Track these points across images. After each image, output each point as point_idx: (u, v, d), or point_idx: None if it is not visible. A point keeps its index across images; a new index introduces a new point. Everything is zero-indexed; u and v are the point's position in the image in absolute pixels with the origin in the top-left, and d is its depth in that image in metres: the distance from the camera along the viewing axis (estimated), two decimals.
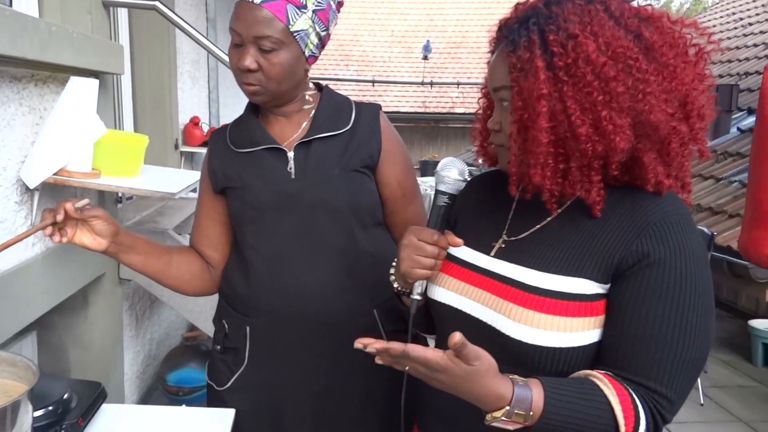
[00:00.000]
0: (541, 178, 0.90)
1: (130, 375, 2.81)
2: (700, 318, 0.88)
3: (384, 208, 1.33)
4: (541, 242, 0.98)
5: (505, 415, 0.84)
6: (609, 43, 0.87)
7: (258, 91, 1.22)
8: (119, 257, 1.24)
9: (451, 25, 13.14)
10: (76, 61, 1.88)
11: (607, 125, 0.87)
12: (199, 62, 4.07)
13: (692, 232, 0.91)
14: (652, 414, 0.88)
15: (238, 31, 1.18)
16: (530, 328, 0.91)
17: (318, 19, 1.22)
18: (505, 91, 0.95)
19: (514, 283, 0.96)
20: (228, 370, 1.33)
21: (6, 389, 0.95)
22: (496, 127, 0.98)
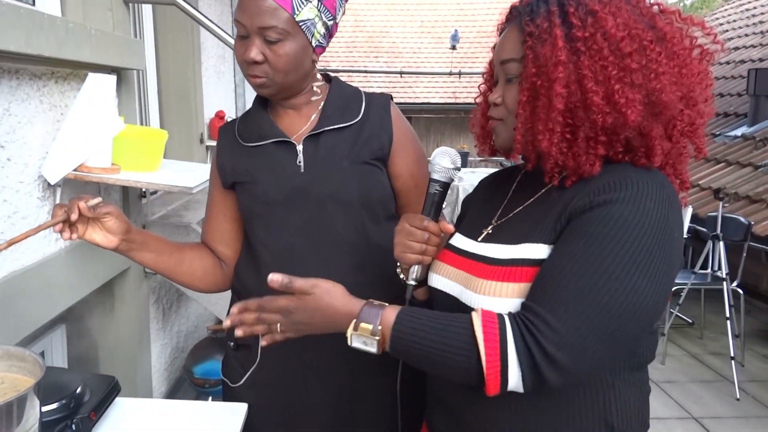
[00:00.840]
0: (549, 144, 0.90)
1: (158, 367, 2.85)
2: (621, 268, 0.82)
3: (397, 201, 1.31)
4: (516, 220, 1.00)
5: (354, 329, 0.91)
6: (626, 24, 0.89)
7: (265, 83, 1.20)
8: (130, 255, 1.23)
9: (481, 15, 12.99)
10: (94, 57, 1.89)
11: (620, 98, 0.87)
12: (225, 57, 4.10)
13: (657, 195, 0.86)
14: (525, 341, 0.83)
15: (243, 23, 1.17)
16: (490, 298, 0.91)
17: (325, 8, 1.19)
18: (513, 64, 0.96)
19: (483, 259, 0.97)
20: (241, 368, 1.33)
21: (15, 384, 0.96)
22: (498, 100, 0.99)
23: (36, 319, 1.78)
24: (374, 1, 13.17)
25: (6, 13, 1.43)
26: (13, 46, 1.48)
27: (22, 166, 1.69)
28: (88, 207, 1.13)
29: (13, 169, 1.64)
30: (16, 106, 1.65)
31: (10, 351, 1.00)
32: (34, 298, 1.72)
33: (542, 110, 0.90)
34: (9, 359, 1.00)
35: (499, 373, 0.83)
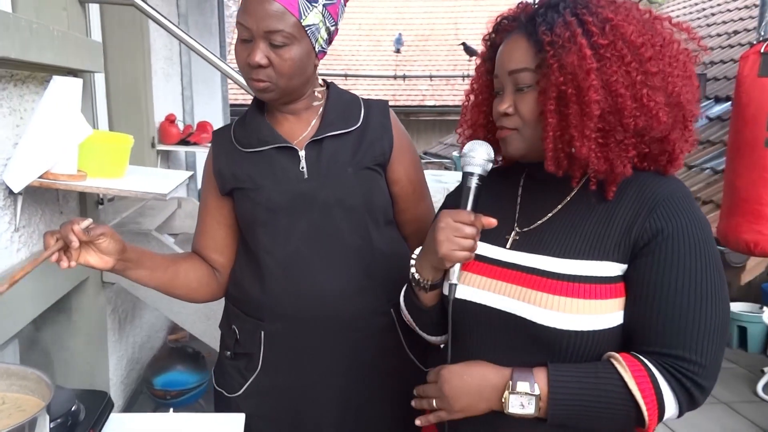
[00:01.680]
0: (588, 151, 0.93)
1: (114, 380, 2.75)
2: (716, 283, 0.92)
3: (395, 206, 1.31)
4: (555, 230, 1.01)
5: (510, 390, 0.92)
6: (639, 31, 0.94)
7: (268, 87, 1.18)
8: (125, 274, 1.19)
9: (419, 18, 13.13)
10: (56, 59, 1.82)
11: (649, 102, 0.92)
12: (172, 59, 3.99)
13: (696, 206, 0.97)
14: (681, 384, 0.90)
15: (248, 26, 1.15)
16: (561, 314, 0.93)
17: (328, 13, 1.19)
18: (526, 73, 0.98)
19: (537, 272, 0.98)
20: (240, 377, 1.30)
21: (19, 404, 0.92)
22: (510, 110, 1.01)
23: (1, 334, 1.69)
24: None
25: None
26: None
27: None
28: (82, 231, 1.08)
29: None
30: None
31: (11, 369, 0.96)
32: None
33: (575, 117, 0.93)
34: (9, 378, 0.95)
35: (657, 415, 0.91)
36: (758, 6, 4.37)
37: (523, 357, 0.99)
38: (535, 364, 0.97)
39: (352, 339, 1.23)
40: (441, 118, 11.21)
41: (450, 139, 9.82)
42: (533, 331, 0.96)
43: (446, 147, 9.20)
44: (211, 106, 5.45)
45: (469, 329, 1.06)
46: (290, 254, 1.23)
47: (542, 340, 0.96)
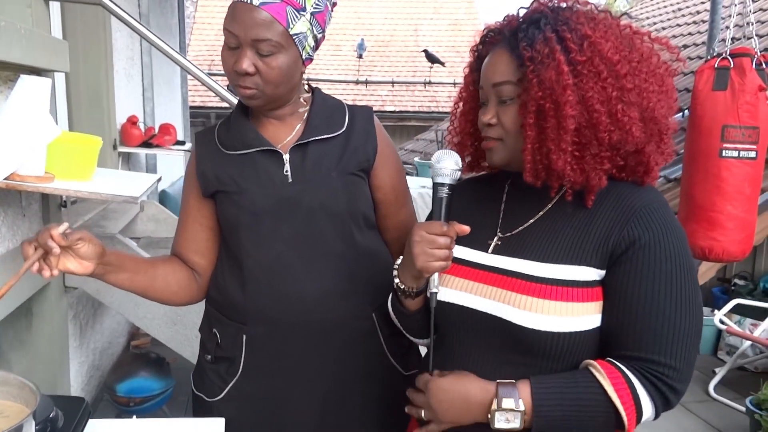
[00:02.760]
0: (563, 164, 0.97)
1: (75, 387, 2.67)
2: (691, 290, 0.97)
3: (377, 211, 1.33)
4: (536, 235, 1.05)
5: (495, 407, 0.95)
6: (616, 47, 0.97)
7: (255, 95, 1.18)
8: (105, 278, 1.17)
9: (378, 24, 13.20)
10: (23, 58, 1.77)
11: (623, 117, 0.95)
12: (134, 59, 3.92)
13: (672, 215, 1.01)
14: (656, 387, 0.95)
15: (235, 33, 1.15)
16: (537, 315, 0.97)
17: (316, 21, 1.20)
18: (508, 86, 1.02)
19: (517, 275, 1.02)
20: (220, 380, 1.29)
21: (2, 411, 0.90)
22: (493, 121, 1.04)
23: None
24: None
25: None
26: None
27: None
28: (60, 235, 1.06)
29: None
30: None
31: None
32: None
33: (552, 131, 0.96)
34: None
35: (635, 419, 0.96)
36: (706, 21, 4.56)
37: (504, 357, 1.02)
38: (516, 363, 1.00)
39: (335, 343, 1.24)
40: (401, 123, 11.29)
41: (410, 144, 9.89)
42: (513, 332, 0.99)
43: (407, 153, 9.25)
44: (171, 107, 5.37)
45: (452, 331, 1.09)
46: (273, 258, 1.23)
47: (522, 341, 0.99)
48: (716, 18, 3.88)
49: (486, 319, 1.03)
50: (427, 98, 11.58)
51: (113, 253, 1.17)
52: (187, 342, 2.39)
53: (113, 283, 1.19)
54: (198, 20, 12.46)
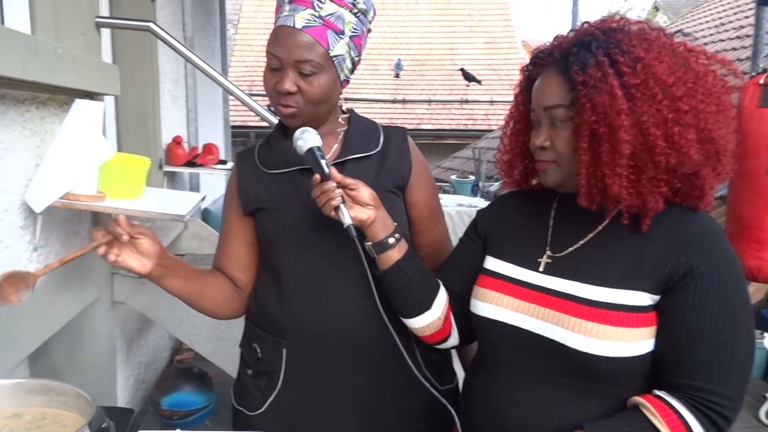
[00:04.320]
0: (619, 188, 0.96)
1: (121, 399, 2.74)
2: (747, 319, 0.96)
3: (411, 228, 1.35)
4: (588, 257, 1.04)
5: None
6: (671, 68, 0.96)
7: (295, 113, 1.23)
8: (161, 281, 1.21)
9: (415, 43, 13.31)
10: (77, 83, 1.86)
11: (680, 139, 0.94)
12: (179, 81, 4.04)
13: (727, 243, 1.00)
14: (709, 417, 0.93)
15: (278, 55, 1.20)
16: (593, 339, 0.96)
17: (354, 44, 1.25)
18: (561, 110, 1.01)
19: (572, 298, 1.01)
20: (260, 395, 1.32)
21: (58, 419, 0.94)
22: (546, 144, 1.04)
23: (15, 357, 1.70)
24: None
25: (5, 37, 1.40)
26: (8, 71, 1.44)
27: (5, 193, 1.63)
28: (126, 221, 1.12)
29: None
30: (2, 133, 1.60)
31: (50, 385, 0.98)
32: (19, 328, 1.65)
33: (607, 155, 0.96)
34: (48, 393, 0.97)
35: None
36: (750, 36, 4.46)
37: (553, 378, 1.02)
38: (566, 385, 1.00)
39: (372, 357, 1.25)
40: (438, 141, 11.31)
41: (447, 162, 9.90)
42: (566, 355, 0.99)
43: (444, 170, 9.26)
44: (214, 128, 5.51)
45: (498, 348, 1.09)
46: (311, 273, 1.27)
47: (575, 364, 0.99)
48: (761, 33, 3.80)
49: (537, 340, 1.03)
50: (463, 116, 11.60)
51: (169, 257, 1.21)
52: (230, 357, 2.44)
53: (166, 287, 1.22)
54: (238, 42, 12.77)
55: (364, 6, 1.26)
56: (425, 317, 1.18)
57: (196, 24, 4.66)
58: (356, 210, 1.15)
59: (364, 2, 1.26)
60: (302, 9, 1.21)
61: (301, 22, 1.20)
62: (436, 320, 1.19)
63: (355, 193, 1.15)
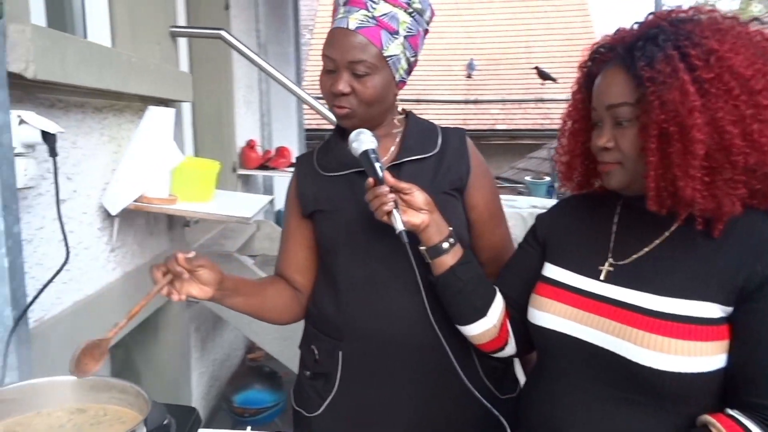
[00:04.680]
0: (692, 192, 0.89)
1: (196, 396, 2.84)
2: None
3: (471, 232, 1.32)
4: (654, 265, 0.97)
5: None
6: (749, 60, 0.88)
7: (350, 114, 1.23)
8: (222, 302, 1.23)
9: (490, 43, 13.13)
10: (151, 90, 1.94)
11: (760, 137, 0.87)
12: (252, 87, 4.16)
13: None
14: None
15: (332, 57, 1.20)
16: (658, 354, 0.90)
17: (409, 44, 1.23)
18: (626, 108, 0.94)
19: (635, 309, 0.95)
20: (318, 396, 1.32)
21: (119, 416, 0.97)
22: (609, 144, 0.97)
23: None
24: None
25: (83, 49, 1.48)
26: (88, 81, 1.52)
27: (85, 197, 1.72)
28: (185, 259, 1.11)
29: (78, 200, 1.67)
30: (81, 139, 1.69)
31: (111, 382, 1.01)
32: (98, 326, 1.73)
33: (678, 156, 0.89)
34: (109, 391, 1.01)
35: None
36: None
37: (615, 393, 0.97)
38: (628, 401, 0.94)
39: (428, 363, 1.23)
40: (513, 142, 11.10)
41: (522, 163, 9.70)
42: (629, 369, 0.93)
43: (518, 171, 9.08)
44: (288, 131, 5.64)
45: (556, 359, 1.05)
46: (367, 276, 1.26)
47: (638, 379, 0.93)
48: None
49: (598, 352, 0.98)
50: (539, 115, 11.33)
51: (230, 279, 1.22)
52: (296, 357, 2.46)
53: (229, 306, 1.25)
54: (314, 47, 13.01)
55: (420, 5, 1.24)
56: (480, 324, 1.15)
57: (270, 31, 4.79)
58: (409, 214, 1.13)
59: (419, 2, 1.24)
60: (356, 10, 1.21)
61: (354, 23, 1.20)
62: (491, 328, 1.15)
63: (409, 198, 1.14)
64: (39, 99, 1.47)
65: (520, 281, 1.16)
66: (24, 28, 1.24)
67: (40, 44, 1.27)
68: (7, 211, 1.22)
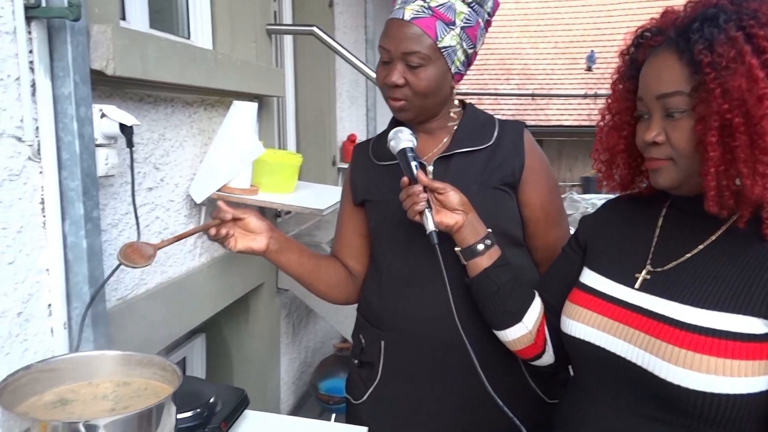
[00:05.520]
0: (761, 190, 0.80)
1: (286, 380, 2.96)
2: None
3: (525, 230, 1.27)
4: (693, 274, 0.88)
5: None
6: None
7: (404, 106, 1.22)
8: (279, 256, 1.24)
9: (619, 34, 12.39)
10: (239, 86, 2.03)
11: None
12: (358, 82, 4.23)
13: None
14: None
15: (387, 48, 1.21)
16: (691, 372, 0.82)
17: (466, 35, 1.21)
18: (679, 98, 0.86)
19: (667, 320, 0.87)
20: (363, 385, 1.35)
21: (156, 391, 1.03)
22: (660, 138, 0.89)
23: (181, 328, 1.91)
24: (506, 23, 13.06)
25: (164, 47, 1.58)
26: (169, 77, 1.62)
27: (173, 186, 1.84)
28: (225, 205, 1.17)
29: (165, 189, 1.79)
30: (170, 131, 1.81)
31: (154, 360, 1.08)
32: (179, 308, 1.86)
33: (743, 150, 0.80)
34: (152, 367, 1.07)
35: None
36: None
37: (645, 411, 0.89)
38: (659, 420, 0.87)
39: (455, 363, 1.20)
40: None
41: None
42: (657, 386, 0.86)
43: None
44: None
45: (586, 371, 0.98)
46: (409, 267, 1.25)
47: (668, 398, 0.85)
48: None
49: (627, 366, 0.90)
50: None
51: (280, 232, 1.26)
52: None
53: (284, 263, 1.25)
54: None
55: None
56: (515, 330, 1.10)
57: (379, 27, 4.83)
58: (443, 215, 1.11)
59: None
60: (412, 1, 1.20)
61: (409, 13, 1.19)
62: (526, 334, 1.10)
63: (443, 197, 1.11)
64: (127, 94, 1.59)
65: (560, 287, 1.09)
66: (106, 28, 1.34)
67: (120, 43, 1.37)
68: (87, 196, 1.33)
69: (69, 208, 1.31)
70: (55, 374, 1.03)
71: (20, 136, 1.22)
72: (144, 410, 0.89)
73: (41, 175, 1.27)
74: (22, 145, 1.23)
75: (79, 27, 1.26)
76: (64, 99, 1.27)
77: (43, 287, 1.30)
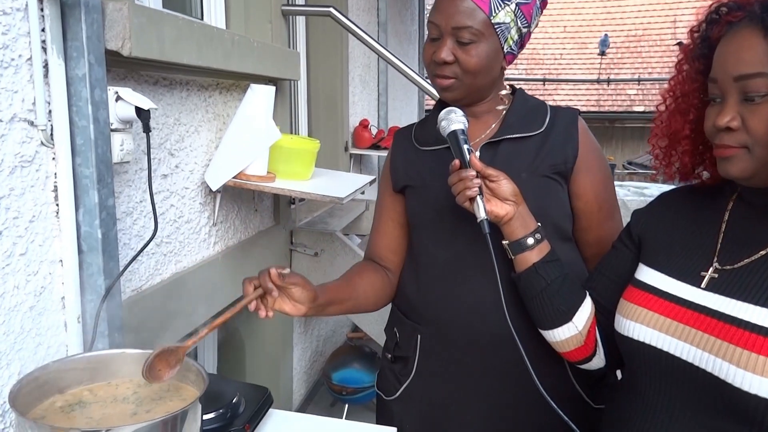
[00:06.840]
0: None
1: (298, 370, 2.91)
2: None
3: (577, 223, 1.20)
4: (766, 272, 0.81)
5: None
6: None
7: (452, 85, 1.16)
8: (317, 315, 1.19)
9: (630, 18, 12.27)
10: (256, 68, 1.96)
11: None
12: (370, 66, 4.15)
13: None
14: None
15: (437, 23, 1.14)
16: (761, 378, 0.75)
17: (521, 13, 1.14)
18: (761, 80, 0.78)
19: (737, 322, 0.80)
20: (396, 380, 1.29)
21: (180, 392, 0.98)
22: (735, 123, 0.81)
23: (195, 319, 1.86)
24: None
25: (181, 27, 1.50)
26: (186, 58, 1.54)
27: (188, 172, 1.77)
28: (278, 275, 1.06)
29: (180, 175, 1.73)
30: (185, 116, 1.74)
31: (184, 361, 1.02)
32: (194, 299, 1.80)
33: None
34: None
35: None
36: None
37: (707, 420, 0.83)
38: (724, 427, 0.80)
39: (508, 359, 1.13)
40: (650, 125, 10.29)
41: None
42: (727, 394, 0.79)
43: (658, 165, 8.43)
44: (407, 111, 5.60)
45: (644, 374, 0.91)
46: (449, 258, 1.19)
47: (738, 406, 0.78)
48: None
49: (689, 370, 0.84)
50: None
51: (323, 294, 1.15)
52: None
53: (323, 316, 1.22)
54: None
55: None
56: (563, 330, 1.04)
57: (392, 10, 4.74)
58: (494, 204, 1.04)
59: None
60: None
61: None
62: (576, 335, 1.04)
63: (495, 185, 1.04)
64: (142, 76, 1.51)
65: (612, 285, 1.02)
66: (122, 6, 1.27)
67: (137, 22, 1.29)
68: (102, 184, 1.26)
69: (83, 196, 1.24)
70: (72, 374, 0.98)
71: (32, 120, 1.15)
72: (168, 417, 0.84)
73: (54, 162, 1.21)
74: (34, 129, 1.16)
75: (93, 4, 1.19)
76: (78, 81, 1.20)
77: (56, 279, 1.24)
